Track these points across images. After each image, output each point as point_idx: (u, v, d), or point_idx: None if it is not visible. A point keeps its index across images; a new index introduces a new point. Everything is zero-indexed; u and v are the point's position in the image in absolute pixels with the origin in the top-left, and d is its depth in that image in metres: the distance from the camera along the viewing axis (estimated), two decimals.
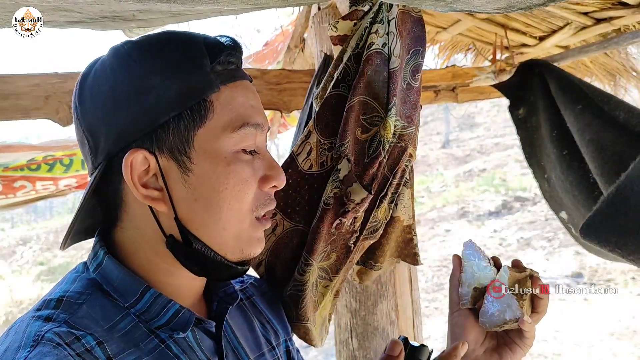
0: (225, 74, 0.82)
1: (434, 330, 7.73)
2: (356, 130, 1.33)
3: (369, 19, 1.38)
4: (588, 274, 8.68)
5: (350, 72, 1.38)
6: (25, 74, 1.86)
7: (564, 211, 2.55)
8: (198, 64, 0.79)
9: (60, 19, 1.17)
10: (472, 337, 1.02)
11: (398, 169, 1.39)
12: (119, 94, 0.77)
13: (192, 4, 1.08)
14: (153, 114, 0.77)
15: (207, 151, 0.79)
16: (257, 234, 0.87)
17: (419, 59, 1.35)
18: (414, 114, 1.38)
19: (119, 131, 0.77)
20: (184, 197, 0.80)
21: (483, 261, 1.02)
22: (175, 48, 0.81)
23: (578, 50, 2.36)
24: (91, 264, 0.83)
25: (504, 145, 16.63)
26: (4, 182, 3.22)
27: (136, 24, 1.37)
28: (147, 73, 0.77)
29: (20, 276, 14.90)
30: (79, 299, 0.77)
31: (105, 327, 0.75)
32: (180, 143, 0.78)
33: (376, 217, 1.42)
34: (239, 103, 0.82)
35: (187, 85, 0.78)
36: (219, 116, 0.80)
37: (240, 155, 0.82)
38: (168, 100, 0.77)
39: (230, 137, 0.80)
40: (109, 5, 1.04)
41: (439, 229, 12.51)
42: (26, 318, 0.74)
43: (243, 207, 0.82)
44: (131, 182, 0.77)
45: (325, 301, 1.43)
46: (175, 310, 0.82)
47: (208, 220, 0.81)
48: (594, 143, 2.02)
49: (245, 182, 0.81)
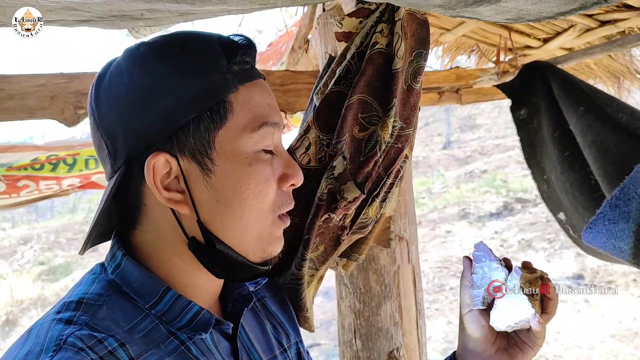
0: (241, 73, 0.82)
1: (436, 332, 7.73)
2: (354, 128, 1.33)
3: (374, 17, 1.39)
4: (589, 275, 8.67)
5: (352, 69, 1.38)
6: (31, 74, 1.87)
7: (562, 212, 2.56)
8: (215, 64, 0.79)
9: (69, 18, 1.18)
10: (484, 337, 1.03)
11: (393, 169, 1.40)
12: (137, 97, 0.77)
13: (201, 4, 1.09)
14: (172, 116, 0.76)
15: (228, 152, 0.79)
16: (278, 233, 0.87)
17: (422, 61, 1.36)
18: (413, 115, 1.39)
19: (138, 134, 0.77)
20: (206, 198, 0.79)
21: (494, 262, 1.03)
22: (190, 49, 0.80)
23: (582, 52, 2.37)
24: (109, 265, 0.83)
25: (505, 146, 16.61)
26: (7, 182, 3.23)
27: (144, 23, 1.37)
28: (164, 75, 0.77)
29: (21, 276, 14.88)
30: (99, 300, 0.77)
31: (125, 328, 0.76)
32: (201, 145, 0.78)
33: (367, 214, 1.43)
34: (257, 102, 0.82)
35: (205, 86, 0.78)
36: (238, 116, 0.80)
37: (260, 155, 0.82)
38: (187, 101, 0.77)
39: (250, 137, 0.80)
40: (117, 5, 1.04)
41: (439, 230, 12.50)
42: (47, 321, 0.73)
43: (264, 207, 0.83)
44: (154, 185, 0.77)
45: (310, 288, 1.44)
46: (196, 311, 0.82)
47: (230, 221, 0.81)
48: (597, 145, 2.02)
49: (266, 182, 0.82)
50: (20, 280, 14.38)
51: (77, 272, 14.72)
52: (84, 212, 20.48)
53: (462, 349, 1.08)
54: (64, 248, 16.95)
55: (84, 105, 1.89)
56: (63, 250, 16.81)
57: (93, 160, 3.45)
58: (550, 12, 0.92)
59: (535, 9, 0.91)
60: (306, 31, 2.84)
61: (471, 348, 1.05)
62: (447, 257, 10.66)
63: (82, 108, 1.89)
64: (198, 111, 0.77)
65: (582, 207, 2.32)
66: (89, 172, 3.50)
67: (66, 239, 17.62)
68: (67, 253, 16.44)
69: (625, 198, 1.57)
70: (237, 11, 1.29)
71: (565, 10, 0.88)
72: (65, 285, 13.74)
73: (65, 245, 17.17)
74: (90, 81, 1.97)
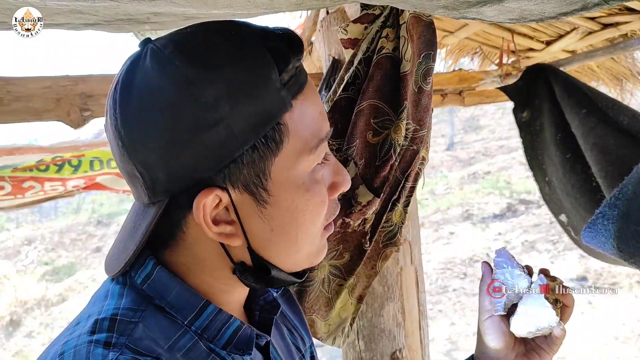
0: (293, 84, 0.70)
1: (438, 334, 7.72)
2: (367, 133, 1.34)
3: (379, 22, 1.40)
4: (592, 277, 8.65)
5: (360, 75, 1.40)
6: (37, 76, 1.88)
7: (563, 214, 2.57)
8: (267, 78, 0.67)
9: (76, 21, 1.19)
10: (504, 343, 1.02)
11: (411, 171, 1.41)
12: (180, 129, 0.65)
13: (207, 9, 1.10)
14: (224, 149, 0.66)
15: (285, 180, 0.71)
16: (324, 242, 0.81)
17: (430, 62, 1.36)
18: (426, 116, 1.39)
19: (185, 170, 0.67)
20: (260, 228, 0.72)
21: (517, 269, 1.03)
22: (239, 60, 0.67)
23: (584, 55, 2.38)
24: (138, 275, 0.74)
25: (509, 147, 16.58)
26: (13, 183, 3.25)
27: (150, 27, 1.38)
28: (211, 100, 0.64)
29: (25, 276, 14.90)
30: (134, 317, 0.69)
31: (165, 347, 0.69)
32: (256, 176, 0.69)
33: (390, 220, 1.43)
34: (311, 116, 0.72)
35: (259, 110, 0.66)
36: (294, 138, 0.70)
37: (315, 175, 0.74)
38: (240, 131, 0.66)
39: (307, 160, 0.72)
40: (124, 8, 1.05)
41: (443, 231, 12.47)
42: (82, 343, 0.65)
43: (317, 227, 0.77)
44: (203, 223, 0.69)
45: (343, 301, 1.44)
46: (237, 326, 0.76)
47: (283, 247, 0.74)
48: (598, 147, 2.03)
49: (322, 204, 0.75)
50: (24, 281, 14.39)
51: (81, 272, 14.73)
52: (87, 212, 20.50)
53: (481, 354, 1.07)
54: (67, 249, 16.96)
55: (89, 107, 1.90)
56: (67, 250, 16.83)
57: (98, 162, 3.47)
58: (553, 13, 0.92)
59: (537, 9, 0.91)
60: (309, 33, 2.84)
61: (491, 353, 1.04)
62: (450, 258, 10.64)
63: (88, 110, 1.90)
64: (253, 141, 0.67)
65: (584, 209, 2.33)
66: (93, 174, 3.52)
67: (70, 239, 17.63)
68: (71, 253, 16.45)
69: (624, 198, 1.58)
70: (242, 15, 1.30)
71: (567, 10, 0.89)
72: (69, 285, 13.76)
73: (69, 245, 17.18)
74: (95, 84, 1.99)
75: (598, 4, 0.86)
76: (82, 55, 77.74)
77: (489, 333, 1.04)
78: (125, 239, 0.75)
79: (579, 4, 0.86)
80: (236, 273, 0.74)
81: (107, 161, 3.49)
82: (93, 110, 1.92)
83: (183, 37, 0.70)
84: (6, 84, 1.82)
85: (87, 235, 17.75)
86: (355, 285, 1.48)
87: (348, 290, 1.45)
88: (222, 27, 0.71)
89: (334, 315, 1.45)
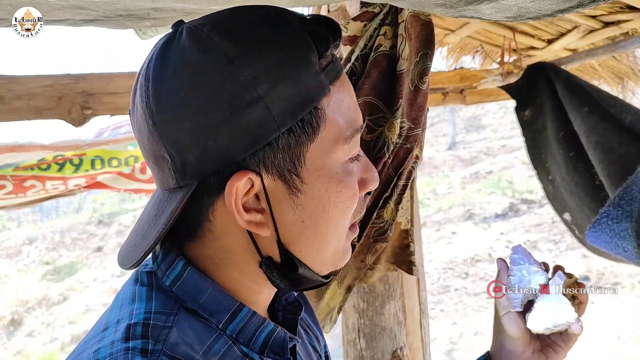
0: (331, 70, 0.69)
1: (440, 333, 7.72)
2: None
3: (378, 20, 1.40)
4: (595, 277, 8.65)
5: (356, 72, 1.40)
6: (38, 75, 1.89)
7: (567, 212, 2.57)
8: (306, 62, 0.65)
9: (76, 17, 1.19)
10: (521, 339, 1.02)
11: (404, 170, 1.41)
12: (216, 108, 0.63)
13: (207, 4, 1.10)
14: (261, 130, 0.64)
15: (319, 168, 0.69)
16: (349, 243, 0.78)
17: (427, 62, 1.37)
18: (421, 115, 1.40)
19: (219, 151, 0.64)
20: (291, 218, 0.70)
21: (534, 266, 1.03)
22: (277, 40, 0.65)
23: (586, 53, 2.38)
24: (166, 276, 0.72)
25: (511, 147, 16.58)
26: (14, 182, 3.26)
27: (150, 23, 1.39)
28: (250, 79, 0.62)
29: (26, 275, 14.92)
30: (167, 321, 0.67)
31: (200, 352, 0.66)
32: (291, 161, 0.67)
33: (382, 217, 1.44)
34: (347, 105, 0.70)
35: (298, 92, 0.64)
36: (331, 125, 0.68)
37: (348, 167, 0.72)
38: (278, 112, 0.64)
39: (342, 150, 0.70)
40: (124, 4, 1.06)
41: (444, 231, 12.48)
42: (118, 351, 0.62)
43: (346, 223, 0.74)
44: (234, 209, 0.66)
45: (332, 291, 1.45)
46: (271, 329, 0.74)
47: (314, 241, 0.72)
48: (601, 145, 2.04)
49: (354, 197, 0.72)
50: (25, 280, 14.42)
51: (82, 272, 14.76)
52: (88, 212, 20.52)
53: (497, 350, 1.07)
54: (68, 248, 16.98)
55: (91, 105, 1.91)
56: (68, 250, 16.85)
57: (99, 161, 3.48)
58: (549, 10, 0.93)
59: (534, 7, 0.92)
60: None
61: (508, 349, 1.04)
62: (452, 258, 10.65)
63: (89, 108, 1.91)
64: (290, 123, 0.65)
65: (588, 207, 2.33)
66: (95, 172, 3.53)
67: (71, 239, 17.65)
68: (72, 253, 16.47)
69: (628, 198, 1.58)
70: None
71: (564, 7, 0.89)
72: (70, 285, 13.78)
73: (70, 245, 17.20)
74: (97, 82, 1.99)
75: (594, 0, 0.86)
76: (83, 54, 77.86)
77: (506, 330, 1.04)
78: (144, 228, 0.71)
79: (575, 1, 0.87)
80: (262, 267, 0.72)
81: (108, 160, 3.50)
82: (94, 109, 1.93)
83: (221, 17, 0.68)
84: (8, 82, 1.83)
85: (88, 235, 17.77)
86: (345, 276, 1.49)
87: (337, 281, 1.46)
88: (261, 9, 0.69)
89: (324, 305, 1.46)
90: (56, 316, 12.33)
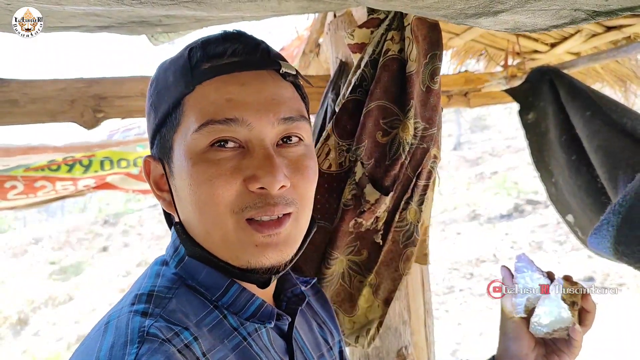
0: (205, 71, 0.81)
1: (444, 334, 7.72)
2: (376, 133, 1.37)
3: (385, 26, 1.43)
4: (600, 277, 8.64)
5: (367, 77, 1.43)
6: (52, 79, 1.92)
7: (570, 214, 2.59)
8: (181, 67, 0.83)
9: (91, 24, 1.22)
10: (525, 344, 1.07)
11: (422, 170, 1.44)
12: (148, 112, 0.89)
13: (217, 12, 1.14)
14: (153, 124, 0.86)
15: (180, 154, 0.80)
16: (251, 239, 0.79)
17: (437, 62, 1.39)
18: (435, 115, 1.42)
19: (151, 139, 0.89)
20: (177, 199, 0.84)
21: (537, 273, 1.07)
22: (170, 65, 0.86)
23: (588, 58, 2.40)
24: (172, 259, 0.86)
25: (516, 147, 16.54)
26: (25, 182, 3.30)
27: (162, 29, 1.42)
28: (153, 91, 0.87)
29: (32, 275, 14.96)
30: (168, 293, 0.79)
31: (194, 321, 0.77)
32: (165, 148, 0.84)
33: (405, 219, 1.46)
34: (211, 100, 0.79)
35: (170, 93, 0.82)
36: (188, 117, 0.80)
37: (208, 155, 0.78)
38: (154, 108, 0.85)
39: (194, 138, 0.78)
40: (137, 11, 1.09)
41: (450, 231, 12.47)
42: (123, 313, 0.74)
43: (218, 209, 0.78)
44: (151, 186, 0.90)
45: (369, 301, 1.48)
46: (259, 304, 0.83)
47: (196, 223, 0.82)
48: (602, 149, 2.05)
49: (209, 182, 0.77)
50: (31, 280, 14.45)
51: (88, 271, 14.80)
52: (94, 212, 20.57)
53: (502, 354, 1.11)
54: (74, 248, 17.02)
55: (102, 109, 1.94)
56: (74, 249, 16.89)
57: (108, 162, 3.52)
58: (544, 25, 0.98)
59: (530, 22, 0.97)
60: (317, 35, 2.87)
61: (512, 353, 1.08)
62: (457, 258, 10.64)
63: (101, 111, 1.94)
64: (160, 116, 0.84)
65: (590, 210, 2.35)
66: (104, 173, 3.57)
67: (77, 238, 17.69)
68: (78, 253, 16.51)
69: (627, 205, 1.61)
70: (251, 18, 1.34)
71: (558, 24, 0.95)
72: (75, 284, 13.82)
73: (76, 244, 17.24)
74: (109, 86, 2.02)
75: (585, 18, 0.92)
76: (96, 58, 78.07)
77: (510, 334, 1.08)
78: None
79: (568, 18, 0.93)
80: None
81: (117, 161, 3.54)
82: (106, 112, 1.96)
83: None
84: (23, 86, 1.86)
85: (93, 235, 17.81)
86: (379, 285, 1.50)
87: (371, 289, 1.48)
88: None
89: (360, 314, 1.48)
90: (62, 316, 12.36)
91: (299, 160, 0.83)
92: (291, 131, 0.83)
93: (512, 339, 1.08)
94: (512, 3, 0.85)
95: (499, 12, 0.91)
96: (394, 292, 1.52)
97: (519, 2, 0.84)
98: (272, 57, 0.85)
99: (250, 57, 0.83)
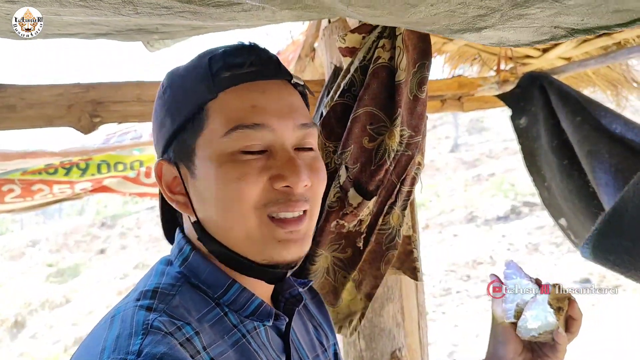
0: (230, 78, 0.86)
1: (440, 335, 7.74)
2: (363, 139, 1.40)
3: (376, 33, 1.45)
4: (596, 279, 8.66)
5: (356, 82, 1.45)
6: (49, 84, 1.94)
7: (563, 218, 2.61)
8: (200, 76, 0.86)
9: (89, 31, 1.24)
10: (512, 348, 1.10)
11: (406, 176, 1.46)
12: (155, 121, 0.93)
13: (213, 21, 1.16)
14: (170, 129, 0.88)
15: (205, 156, 0.84)
16: (275, 235, 0.85)
17: (425, 71, 1.42)
18: (421, 123, 1.45)
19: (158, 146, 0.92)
20: (196, 200, 0.87)
21: (525, 279, 1.10)
22: (188, 69, 0.90)
23: (578, 63, 2.43)
24: (177, 258, 0.91)
25: (513, 149, 16.55)
26: (22, 186, 3.31)
27: (159, 36, 1.44)
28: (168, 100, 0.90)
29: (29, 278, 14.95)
30: (172, 290, 0.84)
31: (196, 317, 0.82)
32: (185, 151, 0.86)
33: (388, 222, 1.49)
34: (235, 106, 0.84)
35: (190, 99, 0.86)
36: (213, 122, 0.84)
37: (236, 157, 0.83)
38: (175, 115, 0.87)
39: (222, 141, 0.83)
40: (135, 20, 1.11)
41: (447, 233, 12.49)
42: (129, 307, 0.80)
43: (244, 205, 0.83)
44: (163, 189, 0.90)
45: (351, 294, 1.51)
46: (258, 303, 0.88)
47: (217, 221, 0.86)
48: (592, 154, 2.08)
49: (236, 181, 0.82)
50: (28, 282, 14.44)
51: (85, 273, 14.79)
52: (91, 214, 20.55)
53: (490, 357, 1.14)
54: (72, 250, 17.01)
55: (99, 113, 1.96)
56: (71, 252, 16.87)
57: (105, 165, 3.54)
58: (527, 41, 1.04)
59: (513, 37, 1.01)
60: (312, 40, 2.89)
61: (499, 357, 1.12)
62: (454, 260, 10.65)
63: (98, 116, 1.96)
64: (180, 122, 0.86)
65: (582, 213, 2.38)
66: (100, 177, 3.58)
67: (74, 241, 17.68)
68: (75, 255, 16.50)
69: (617, 215, 1.64)
70: (246, 26, 1.36)
71: (539, 39, 1.00)
72: (73, 287, 13.81)
73: (74, 247, 17.23)
74: (105, 91, 2.04)
75: (565, 35, 0.98)
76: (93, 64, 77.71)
77: (499, 338, 1.12)
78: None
79: (548, 35, 0.99)
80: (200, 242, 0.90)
81: (114, 164, 3.56)
82: (103, 117, 1.97)
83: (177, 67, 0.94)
84: (20, 91, 1.88)
85: (91, 237, 17.80)
86: (362, 281, 1.54)
87: (354, 284, 1.52)
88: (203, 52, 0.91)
89: (343, 306, 1.51)
90: (59, 318, 12.35)
91: (313, 163, 0.90)
92: (307, 137, 0.90)
93: (500, 342, 1.11)
94: (494, 20, 0.88)
95: (482, 29, 0.94)
96: (376, 288, 1.55)
97: (500, 20, 0.88)
98: (282, 68, 0.92)
99: (266, 68, 0.89)
